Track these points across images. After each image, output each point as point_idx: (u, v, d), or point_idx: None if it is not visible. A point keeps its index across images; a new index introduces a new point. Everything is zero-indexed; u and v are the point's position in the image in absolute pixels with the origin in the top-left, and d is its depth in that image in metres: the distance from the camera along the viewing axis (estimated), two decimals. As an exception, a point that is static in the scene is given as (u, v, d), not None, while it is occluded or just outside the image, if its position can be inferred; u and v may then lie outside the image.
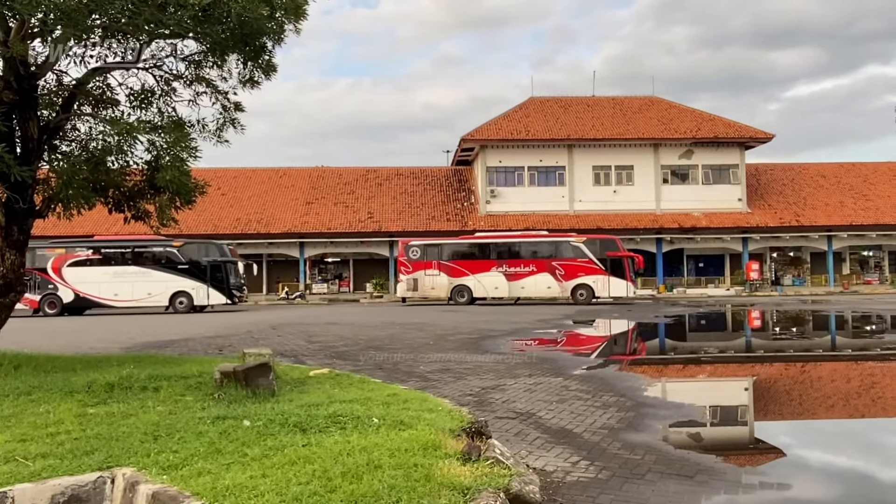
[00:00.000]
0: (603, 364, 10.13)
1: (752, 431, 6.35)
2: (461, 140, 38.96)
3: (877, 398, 7.77)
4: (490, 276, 28.96)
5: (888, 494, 4.32)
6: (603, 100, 42.91)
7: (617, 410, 6.48)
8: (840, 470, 4.93)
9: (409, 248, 30.12)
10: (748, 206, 38.95)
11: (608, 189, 38.79)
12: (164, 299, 26.89)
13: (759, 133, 39.25)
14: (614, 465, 4.63)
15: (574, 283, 28.39)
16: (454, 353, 11.21)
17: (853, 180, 42.42)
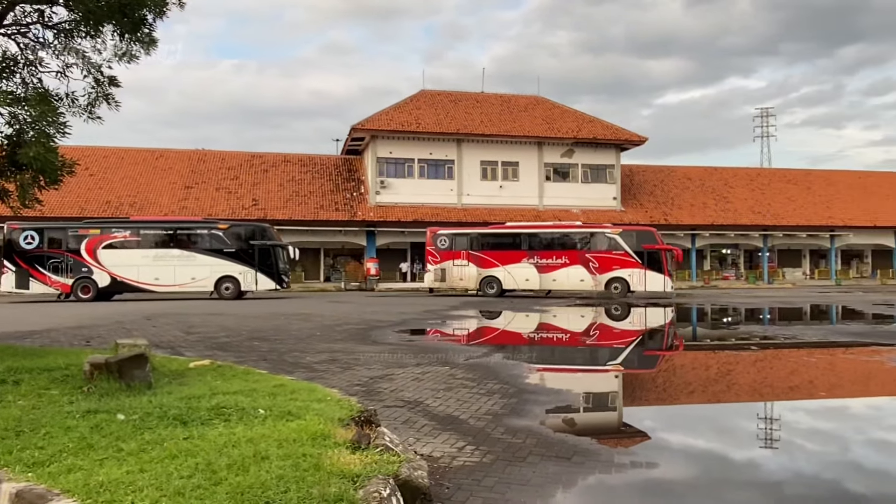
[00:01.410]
0: (489, 353, 10.42)
1: (621, 416, 6.79)
2: (351, 129, 38.53)
3: (731, 384, 8.52)
4: (521, 267, 28.03)
5: (739, 471, 4.77)
6: (491, 97, 43.86)
7: (501, 397, 6.71)
8: (697, 450, 5.38)
9: (438, 237, 29.10)
10: (622, 205, 41.23)
11: (495, 184, 39.76)
12: (209, 284, 25.61)
13: (634, 136, 41.62)
14: (498, 450, 4.81)
15: (608, 277, 27.36)
16: (342, 343, 11.13)
17: (715, 183, 45.98)
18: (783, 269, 45.78)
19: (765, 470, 4.76)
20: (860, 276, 46.98)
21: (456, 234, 29.21)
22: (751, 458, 5.05)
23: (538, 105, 43.30)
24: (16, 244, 25.27)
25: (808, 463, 4.99)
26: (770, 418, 6.57)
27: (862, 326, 15.59)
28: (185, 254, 25.60)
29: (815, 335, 13.73)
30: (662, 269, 27.00)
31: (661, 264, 27.06)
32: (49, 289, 25.18)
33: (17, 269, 25.15)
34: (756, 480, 4.52)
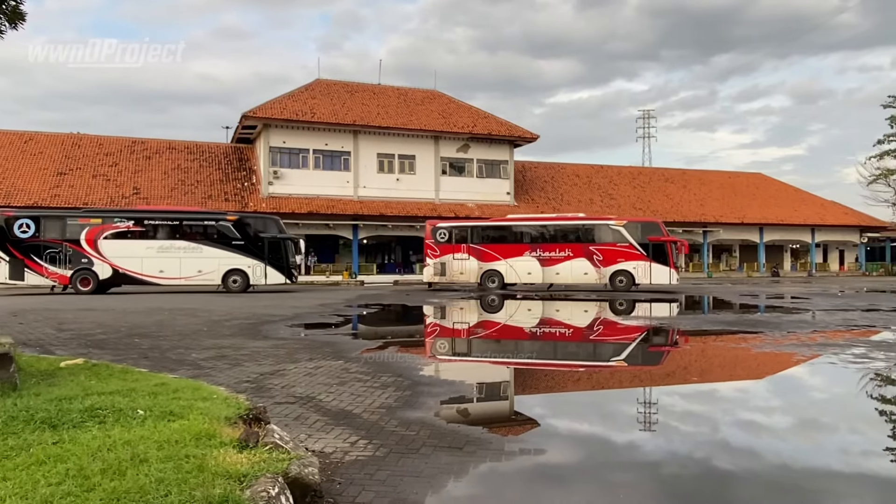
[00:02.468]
0: (383, 346, 10.38)
1: (512, 405, 6.98)
2: (243, 117, 37.16)
3: (614, 371, 8.96)
4: (523, 260, 27.54)
5: (621, 454, 5.02)
6: (388, 89, 43.67)
7: (395, 390, 6.71)
8: (582, 435, 5.62)
9: (437, 230, 28.49)
10: (515, 200, 42.33)
11: (391, 177, 39.65)
12: (216, 277, 24.98)
13: (527, 133, 42.80)
14: (391, 442, 4.81)
15: (613, 269, 26.97)
16: (230, 339, 10.74)
17: (601, 181, 48.16)
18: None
19: (643, 451, 5.04)
20: (729, 269, 50.80)
21: (456, 227, 28.86)
22: (631, 441, 5.33)
23: (435, 99, 43.58)
24: (9, 232, 23.41)
25: (683, 443, 5.33)
26: (649, 402, 6.96)
27: (731, 316, 16.84)
28: (192, 245, 24.88)
29: (689, 324, 14.70)
30: (668, 262, 26.82)
31: (667, 256, 26.89)
32: (46, 280, 23.65)
33: (10, 259, 23.45)
34: (635, 461, 4.78)
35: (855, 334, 12.23)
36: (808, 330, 12.70)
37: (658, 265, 26.62)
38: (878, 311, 17.13)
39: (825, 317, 15.37)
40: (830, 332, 12.34)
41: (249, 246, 25.37)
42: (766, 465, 4.78)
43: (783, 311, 17.71)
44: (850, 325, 13.61)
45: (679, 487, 4.25)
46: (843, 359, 9.14)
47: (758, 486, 4.30)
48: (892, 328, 13.19)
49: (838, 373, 8.32)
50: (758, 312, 17.77)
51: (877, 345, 10.80)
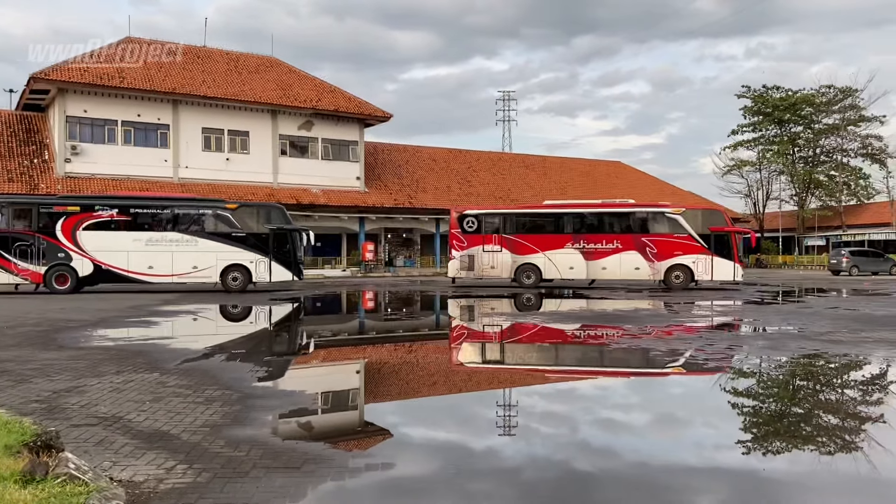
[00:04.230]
0: (208, 354, 9.95)
1: (363, 414, 6.96)
2: (31, 79, 33.94)
3: (473, 373, 9.21)
4: (563, 253, 26.74)
5: (479, 461, 5.17)
6: (216, 52, 41.86)
7: (221, 405, 6.45)
8: (440, 443, 5.72)
9: (464, 219, 27.63)
10: (366, 186, 42.27)
11: (221, 156, 38.10)
12: (213, 274, 24.27)
13: (379, 111, 42.86)
14: (216, 466, 4.61)
15: (669, 264, 26.20)
16: (15, 350, 9.80)
17: (459, 166, 49.37)
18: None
19: (503, 456, 5.22)
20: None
21: (486, 215, 28.10)
22: (490, 447, 5.50)
23: (272, 67, 42.37)
24: None
25: (543, 446, 5.57)
26: (508, 405, 7.23)
27: (590, 311, 17.94)
28: (186, 238, 24.14)
29: (546, 321, 15.44)
30: (732, 256, 26.17)
31: (731, 249, 26.23)
32: (15, 278, 21.84)
33: None
34: (496, 468, 4.93)
35: (688, 330, 13.47)
36: (664, 324, 13.80)
37: (721, 259, 26.01)
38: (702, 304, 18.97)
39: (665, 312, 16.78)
40: (674, 327, 13.48)
41: (252, 238, 24.80)
42: (624, 462, 5.13)
43: (636, 309, 19.09)
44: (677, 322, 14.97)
45: (539, 493, 4.44)
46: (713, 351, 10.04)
47: (618, 486, 4.60)
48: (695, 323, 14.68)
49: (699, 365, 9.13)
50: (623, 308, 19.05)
51: (712, 339, 11.96)
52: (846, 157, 54.69)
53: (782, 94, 54.13)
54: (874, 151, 52.88)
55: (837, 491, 4.62)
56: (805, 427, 6.40)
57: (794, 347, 10.34)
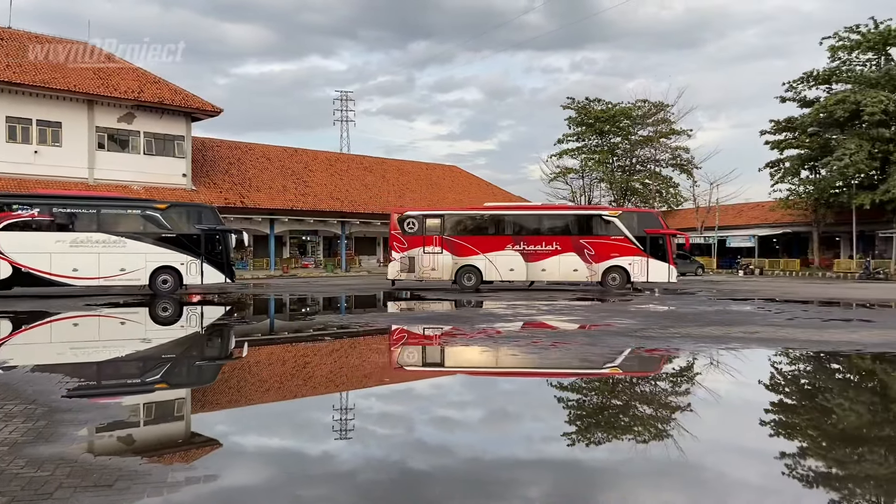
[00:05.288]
0: (10, 367, 9.00)
1: (189, 425, 6.57)
2: None
3: (308, 378, 9.00)
4: (504, 255, 26.87)
5: (313, 467, 5.03)
6: (22, 35, 38.11)
7: (24, 421, 5.84)
8: (273, 450, 5.52)
9: (405, 220, 27.44)
10: (193, 183, 40.28)
11: (28, 148, 34.71)
12: (142, 277, 23.30)
13: (208, 105, 40.97)
14: (15, 489, 4.16)
15: (606, 265, 26.65)
16: None
17: (295, 166, 48.34)
18: (360, 256, 50.68)
19: (339, 460, 5.14)
20: (426, 264, 54.97)
21: (427, 216, 27.81)
22: (326, 451, 5.39)
23: (88, 53, 39.24)
24: None
25: (380, 448, 5.55)
26: (345, 408, 7.12)
27: (426, 312, 18.18)
28: (113, 239, 22.89)
29: (385, 322, 15.48)
30: (667, 257, 26.87)
31: (666, 251, 26.95)
32: None
33: None
34: (331, 473, 4.84)
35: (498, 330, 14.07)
36: (501, 324, 14.26)
37: (656, 261, 26.78)
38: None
39: (524, 310, 17.41)
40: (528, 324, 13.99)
41: (183, 239, 23.83)
42: (458, 459, 5.23)
43: (486, 307, 19.63)
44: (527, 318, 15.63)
45: (375, 494, 4.39)
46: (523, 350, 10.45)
47: (453, 482, 4.66)
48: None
49: (522, 361, 9.50)
50: (458, 308, 19.46)
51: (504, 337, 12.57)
52: (658, 167, 59.42)
53: (603, 107, 57.88)
54: (682, 162, 57.85)
55: (650, 476, 4.95)
56: (623, 418, 6.84)
57: (614, 343, 11.04)
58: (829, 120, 41.52)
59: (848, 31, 41.94)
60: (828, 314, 16.63)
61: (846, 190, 42.03)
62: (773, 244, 52.94)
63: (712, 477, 4.95)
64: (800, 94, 45.34)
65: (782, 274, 44.41)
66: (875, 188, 40.03)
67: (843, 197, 42.04)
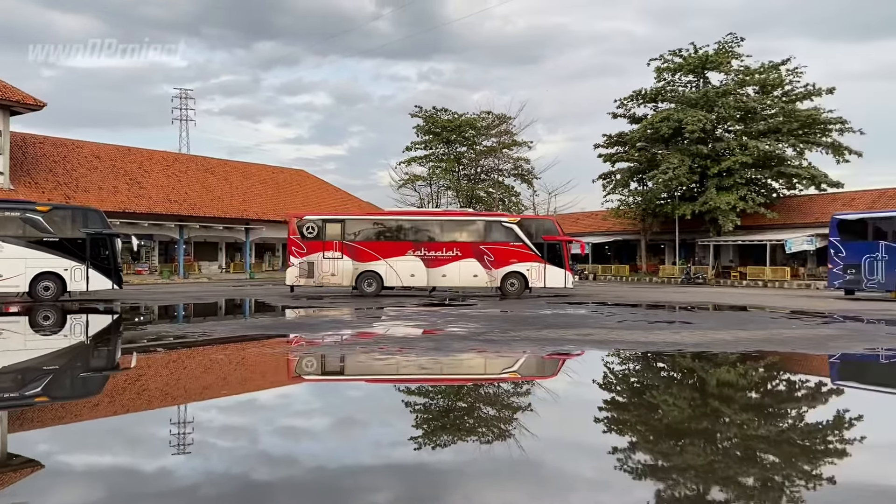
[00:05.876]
0: None
1: (5, 446, 6.05)
2: None
3: (143, 390, 8.53)
4: (405, 260, 27.08)
5: (148, 484, 4.80)
6: None
7: None
8: (103, 469, 5.20)
9: (304, 225, 27.42)
10: (12, 183, 36.92)
11: None
12: (21, 283, 21.92)
13: (29, 98, 37.71)
14: None
15: (505, 271, 27.00)
16: None
17: (129, 166, 45.51)
18: (200, 262, 48.56)
19: (177, 476, 4.94)
20: (272, 269, 53.62)
21: (327, 221, 27.78)
22: (163, 467, 5.16)
23: None
24: None
25: (221, 461, 5.39)
26: (184, 422, 6.84)
27: (270, 319, 17.78)
28: None
29: (226, 331, 14.97)
30: (563, 263, 27.30)
31: (562, 257, 27.36)
32: None
33: None
34: (168, 489, 4.65)
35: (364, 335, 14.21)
36: (347, 331, 14.22)
37: (553, 267, 27.26)
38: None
39: (368, 317, 17.41)
40: (363, 332, 14.05)
41: (67, 244, 22.65)
42: (303, 469, 5.19)
43: (321, 313, 19.45)
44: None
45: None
46: (371, 355, 10.52)
47: (298, 492, 4.63)
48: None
49: (370, 367, 9.55)
50: (301, 315, 19.15)
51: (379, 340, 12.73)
52: (501, 176, 61.59)
53: (449, 117, 59.23)
54: (523, 172, 60.32)
55: (494, 475, 5.17)
56: (468, 420, 7.07)
57: (458, 347, 11.34)
58: (655, 136, 44.84)
59: (672, 55, 45.55)
60: (654, 317, 17.98)
61: (670, 201, 45.51)
62: (606, 251, 56.39)
63: (551, 473, 5.24)
64: (629, 111, 48.63)
65: (614, 279, 47.43)
66: (695, 200, 43.66)
67: (667, 208, 45.48)
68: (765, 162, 41.84)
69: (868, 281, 25.23)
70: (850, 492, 4.87)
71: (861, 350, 11.83)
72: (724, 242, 43.63)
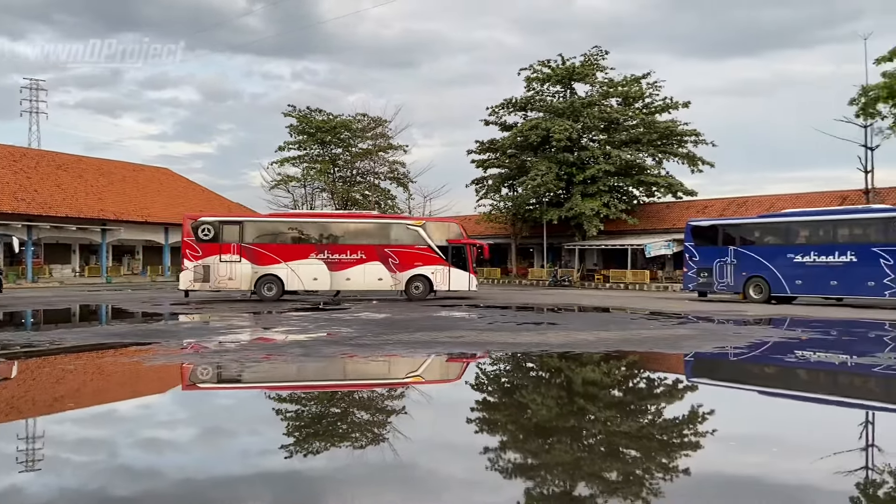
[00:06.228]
0: None
1: None
2: None
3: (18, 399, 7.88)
4: (307, 263, 26.60)
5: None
6: None
7: None
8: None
9: (200, 226, 26.32)
10: None
11: None
12: None
13: None
14: None
15: (410, 274, 27.11)
16: None
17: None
18: (51, 265, 45.27)
19: (27, 494, 4.61)
20: (132, 273, 50.81)
21: (225, 223, 27.03)
22: (11, 485, 4.79)
23: None
24: None
25: (76, 476, 5.08)
26: (33, 437, 6.38)
27: (127, 326, 16.84)
28: None
29: (78, 338, 14.06)
30: (468, 266, 27.63)
31: (467, 260, 27.67)
32: None
33: None
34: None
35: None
36: (211, 338, 13.74)
37: (458, 270, 27.54)
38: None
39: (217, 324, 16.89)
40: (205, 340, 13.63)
41: None
42: (169, 482, 4.98)
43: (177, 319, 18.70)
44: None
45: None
46: (241, 363, 10.24)
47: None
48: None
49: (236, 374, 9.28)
50: (160, 321, 18.30)
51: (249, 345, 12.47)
52: (377, 180, 61.51)
53: (324, 118, 58.49)
54: (399, 176, 60.53)
55: (368, 479, 5.18)
56: (341, 425, 7.03)
57: (328, 353, 11.22)
58: (524, 143, 46.28)
59: (541, 65, 47.18)
60: (522, 318, 18.55)
61: (538, 206, 47.08)
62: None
63: (424, 475, 5.30)
64: (501, 118, 49.91)
65: (486, 281, 48.46)
66: (562, 205, 45.40)
67: (536, 213, 47.02)
68: (626, 170, 44.25)
69: (719, 283, 27.15)
70: (703, 482, 5.24)
71: (711, 349, 12.74)
72: (589, 247, 45.67)
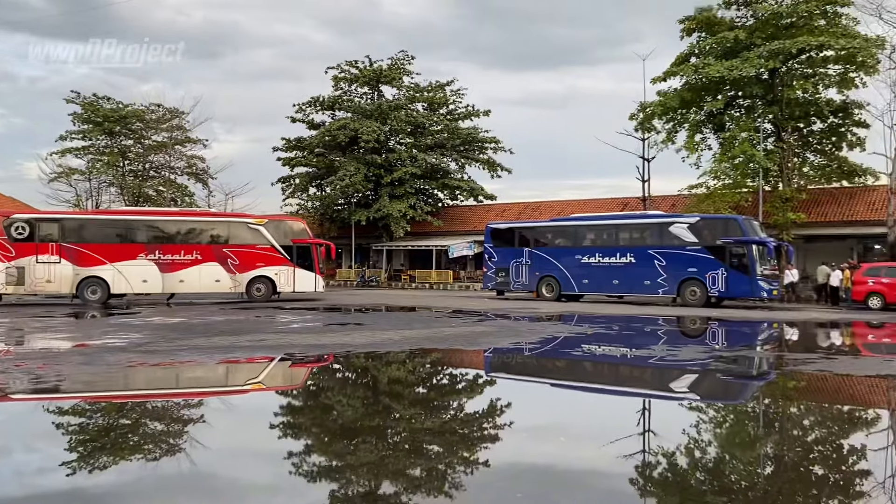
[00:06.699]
0: None
1: None
2: None
3: None
4: (136, 264, 24.91)
5: None
6: None
7: None
8: None
9: (12, 224, 24.24)
10: None
11: None
12: None
13: None
14: None
15: (251, 276, 26.20)
16: None
17: None
18: None
19: None
20: None
21: (41, 220, 25.24)
22: None
23: None
24: None
25: None
26: None
27: None
28: None
29: None
30: (313, 267, 27.06)
31: (313, 261, 27.10)
32: None
33: None
34: None
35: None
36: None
37: (303, 271, 26.83)
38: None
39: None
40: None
41: None
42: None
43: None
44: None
45: None
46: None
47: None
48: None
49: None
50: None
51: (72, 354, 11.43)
52: (174, 175, 58.11)
53: (113, 106, 54.22)
54: (198, 171, 57.62)
55: (161, 492, 4.93)
56: (132, 437, 6.61)
57: (114, 361, 10.40)
58: (333, 143, 45.99)
59: (349, 65, 47.14)
60: (329, 319, 18.48)
61: (347, 207, 47.06)
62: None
63: (225, 483, 5.13)
64: (308, 116, 49.22)
65: (292, 283, 47.67)
66: (370, 206, 45.68)
67: (344, 213, 46.95)
68: (432, 174, 45.56)
69: (515, 283, 28.77)
70: (503, 471, 5.52)
71: (508, 344, 13.46)
72: (396, 247, 46.39)
